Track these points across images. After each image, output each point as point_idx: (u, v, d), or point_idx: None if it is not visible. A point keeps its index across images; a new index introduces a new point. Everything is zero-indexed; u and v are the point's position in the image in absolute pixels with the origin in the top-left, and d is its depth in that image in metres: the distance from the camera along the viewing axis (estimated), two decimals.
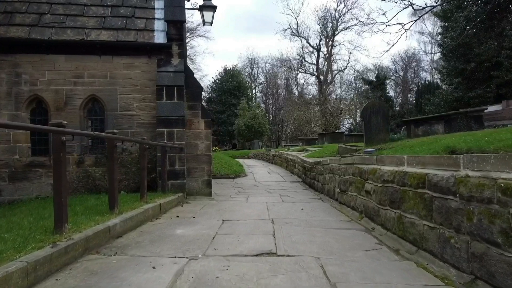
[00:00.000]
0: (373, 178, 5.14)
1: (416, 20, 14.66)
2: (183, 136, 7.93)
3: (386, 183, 4.61)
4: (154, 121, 8.00)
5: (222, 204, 7.15)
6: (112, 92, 8.09)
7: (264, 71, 55.37)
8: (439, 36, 25.90)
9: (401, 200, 4.12)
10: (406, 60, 49.11)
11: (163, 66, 8.12)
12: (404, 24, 14.00)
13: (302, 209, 6.39)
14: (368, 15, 41.95)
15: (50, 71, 7.86)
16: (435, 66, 34.91)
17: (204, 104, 46.95)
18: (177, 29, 8.22)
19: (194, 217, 5.51)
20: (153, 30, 8.22)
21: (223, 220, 5.20)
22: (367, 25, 14.58)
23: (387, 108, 11.73)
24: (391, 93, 46.73)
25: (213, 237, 4.08)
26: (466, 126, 8.97)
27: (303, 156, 13.32)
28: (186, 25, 37.69)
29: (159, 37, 8.15)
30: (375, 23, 13.08)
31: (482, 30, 20.62)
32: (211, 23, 10.61)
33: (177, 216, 5.60)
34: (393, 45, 15.42)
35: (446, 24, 23.58)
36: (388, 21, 13.19)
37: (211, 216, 5.62)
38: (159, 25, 8.28)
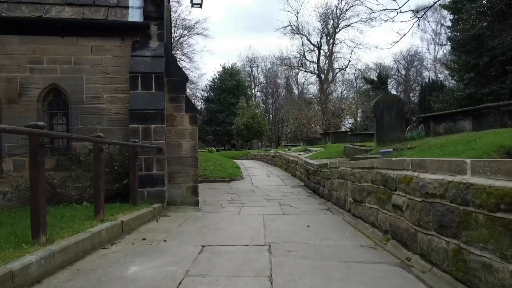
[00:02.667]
0: (407, 189, 3.76)
1: (430, 8, 13.30)
2: (162, 134, 6.55)
3: (431, 197, 3.23)
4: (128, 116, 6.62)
5: (208, 218, 5.78)
6: (77, 81, 6.70)
7: (264, 70, 54.02)
8: (449, 30, 24.48)
9: (461, 225, 2.75)
10: (409, 58, 47.86)
11: (139, 49, 6.74)
12: (417, 12, 12.66)
13: (308, 225, 5.01)
14: (378, 0, 40.26)
15: (1, 55, 6.48)
16: (443, 61, 33.52)
17: (202, 103, 46.03)
18: (156, 5, 6.84)
19: (165, 241, 4.13)
20: (127, 7, 6.85)
21: (203, 246, 3.81)
22: (375, 12, 13.16)
23: (401, 103, 10.35)
24: (393, 92, 45.46)
25: (180, 282, 2.71)
26: (499, 122, 7.60)
27: (306, 158, 11.94)
28: (184, 23, 35.73)
29: (134, 15, 6.78)
30: (385, 9, 11.71)
31: (496, 22, 19.27)
32: (200, 5, 9.28)
33: (144, 239, 4.22)
34: (404, 35, 14.14)
35: (456, 16, 22.20)
36: (400, 7, 11.83)
37: (189, 238, 4.24)
38: (134, 0, 6.90)
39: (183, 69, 7.84)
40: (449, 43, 24.18)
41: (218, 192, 9.76)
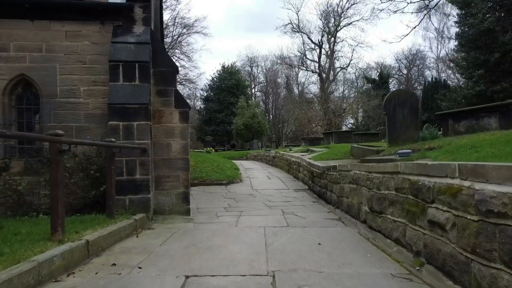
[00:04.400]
0: (452, 203, 2.88)
1: None
2: (147, 133, 5.65)
3: (496, 217, 2.35)
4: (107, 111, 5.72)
5: (200, 231, 4.88)
6: (49, 71, 5.81)
7: (264, 70, 53.11)
8: (456, 25, 23.55)
9: None
10: (410, 58, 47.07)
11: (121, 35, 5.85)
12: (429, 2, 11.78)
13: (319, 243, 4.12)
14: None
15: None
16: (450, 58, 32.67)
17: (201, 103, 45.20)
18: None
19: (140, 268, 3.23)
20: None
21: (186, 277, 2.92)
22: (384, 2, 12.28)
23: (415, 99, 9.44)
24: None
25: None
26: None
27: (309, 159, 11.05)
28: (183, 21, 34.61)
29: None
30: None
31: (507, 16, 18.41)
32: None
33: (113, 264, 3.32)
34: (415, 27, 13.09)
35: (464, 11, 21.32)
36: None
37: (171, 264, 3.34)
38: None
39: (181, 67, 6.98)
40: (455, 39, 23.28)
41: (215, 196, 8.88)
